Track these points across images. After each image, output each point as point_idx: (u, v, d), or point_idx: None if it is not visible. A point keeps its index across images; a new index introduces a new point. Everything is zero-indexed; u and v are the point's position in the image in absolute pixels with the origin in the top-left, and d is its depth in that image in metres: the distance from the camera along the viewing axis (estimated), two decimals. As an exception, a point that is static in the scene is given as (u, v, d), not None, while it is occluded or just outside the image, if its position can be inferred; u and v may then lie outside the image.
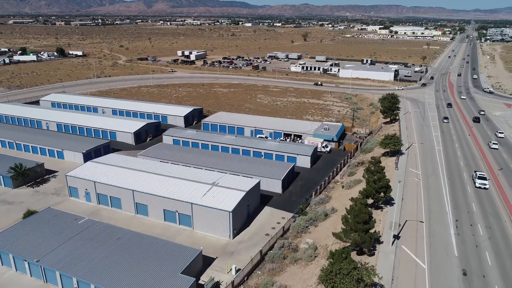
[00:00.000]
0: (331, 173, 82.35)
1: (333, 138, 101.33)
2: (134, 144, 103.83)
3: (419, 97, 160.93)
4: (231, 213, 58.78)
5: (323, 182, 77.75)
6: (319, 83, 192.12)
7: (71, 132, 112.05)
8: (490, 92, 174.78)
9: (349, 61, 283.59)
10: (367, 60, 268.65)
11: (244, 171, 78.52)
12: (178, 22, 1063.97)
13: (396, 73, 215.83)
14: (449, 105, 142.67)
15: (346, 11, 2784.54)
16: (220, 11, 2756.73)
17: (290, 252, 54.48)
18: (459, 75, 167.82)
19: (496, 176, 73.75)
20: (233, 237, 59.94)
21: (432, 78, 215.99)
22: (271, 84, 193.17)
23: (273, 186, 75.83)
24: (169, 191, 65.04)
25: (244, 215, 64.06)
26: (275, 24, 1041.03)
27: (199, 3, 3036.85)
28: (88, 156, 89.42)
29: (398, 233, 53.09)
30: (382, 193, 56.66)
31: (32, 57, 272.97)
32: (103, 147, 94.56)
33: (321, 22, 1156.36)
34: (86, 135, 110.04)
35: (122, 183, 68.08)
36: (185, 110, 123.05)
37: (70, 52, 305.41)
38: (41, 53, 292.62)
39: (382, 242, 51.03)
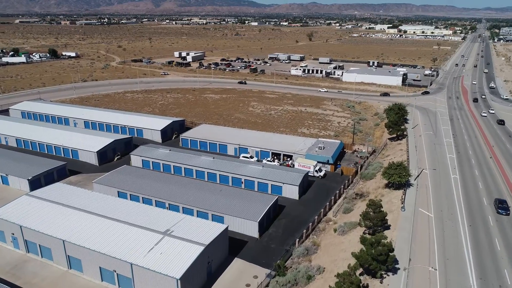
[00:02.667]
0: (322, 209, 67.29)
1: (328, 160, 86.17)
2: (97, 165, 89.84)
3: (430, 106, 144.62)
4: (179, 281, 44.26)
5: (311, 223, 62.75)
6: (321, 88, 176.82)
7: (31, 149, 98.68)
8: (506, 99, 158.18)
9: (355, 63, 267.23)
10: (373, 62, 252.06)
11: (213, 208, 63.96)
12: (184, 21, 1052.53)
13: (405, 77, 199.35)
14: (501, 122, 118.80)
15: (355, 10, 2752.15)
16: (227, 10, 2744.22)
17: None
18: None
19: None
20: (184, 311, 45.48)
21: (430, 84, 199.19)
22: (268, 89, 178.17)
23: (248, 228, 61.11)
24: (109, 242, 50.71)
25: (202, 276, 49.48)
26: (281, 23, 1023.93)
27: (206, 2, 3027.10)
28: (36, 183, 75.60)
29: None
30: (381, 263, 41.36)
31: (22, 58, 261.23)
32: (56, 170, 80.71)
33: (328, 21, 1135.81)
34: (47, 152, 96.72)
35: (52, 229, 53.94)
36: (163, 122, 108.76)
37: (63, 53, 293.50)
38: (33, 54, 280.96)
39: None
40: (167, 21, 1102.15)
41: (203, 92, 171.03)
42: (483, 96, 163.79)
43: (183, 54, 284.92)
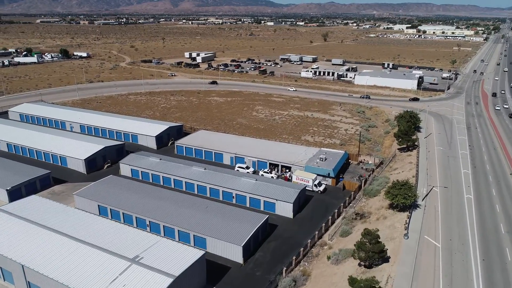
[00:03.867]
0: (317, 231, 60.73)
1: (329, 174, 79.38)
2: (85, 173, 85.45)
3: (446, 112, 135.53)
4: (138, 322, 38.69)
5: (303, 248, 56.35)
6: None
7: (21, 154, 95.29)
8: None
9: (369, 65, 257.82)
10: (388, 64, 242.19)
11: (196, 228, 58.32)
12: (200, 21, 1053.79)
13: (420, 80, 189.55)
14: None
15: (373, 9, 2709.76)
16: (244, 10, 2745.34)
17: None
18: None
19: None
20: None
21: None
22: (276, 92, 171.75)
23: (232, 253, 55.16)
24: (71, 269, 45.64)
25: (170, 312, 43.79)
26: (297, 23, 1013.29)
27: (224, 2, 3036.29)
28: (16, 193, 71.57)
29: None
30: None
31: (33, 58, 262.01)
32: (39, 180, 76.67)
33: (345, 21, 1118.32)
34: (36, 158, 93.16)
35: (15, 252, 49.26)
36: (159, 128, 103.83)
37: (75, 53, 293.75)
38: (45, 54, 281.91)
39: None
40: (184, 21, 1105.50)
41: (208, 94, 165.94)
42: (503, 92, 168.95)
43: (194, 54, 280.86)
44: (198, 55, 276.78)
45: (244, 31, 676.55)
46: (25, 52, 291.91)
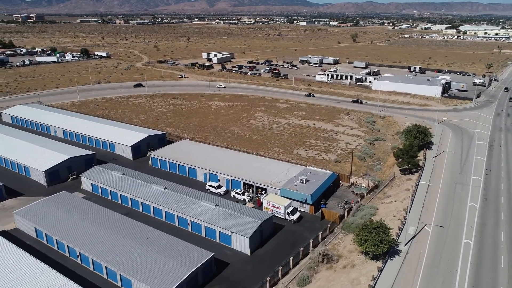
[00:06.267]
0: (269, 277, 50.07)
1: (306, 200, 68.13)
2: (46, 185, 79.18)
3: (469, 125, 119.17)
4: None
5: (244, 300, 46.12)
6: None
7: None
8: None
9: (394, 68, 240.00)
10: (414, 68, 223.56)
11: (124, 266, 49.87)
12: (232, 21, 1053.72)
13: (447, 86, 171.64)
14: None
15: (414, 9, 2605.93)
16: (280, 9, 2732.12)
17: None
18: None
19: None
20: None
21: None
22: (283, 97, 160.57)
23: (156, 302, 45.81)
24: None
25: None
26: (331, 23, 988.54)
27: (260, 1, 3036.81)
28: (-42, 208, 66.00)
29: None
30: None
31: (53, 58, 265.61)
32: (-11, 193, 70.91)
33: (382, 21, 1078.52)
34: (5, 166, 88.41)
35: None
36: (137, 137, 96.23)
37: (95, 53, 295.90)
38: (67, 53, 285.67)
39: None
40: (217, 20, 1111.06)
41: (211, 98, 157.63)
42: None
43: (211, 55, 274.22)
44: (215, 55, 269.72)
45: (273, 31, 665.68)
46: (49, 52, 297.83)
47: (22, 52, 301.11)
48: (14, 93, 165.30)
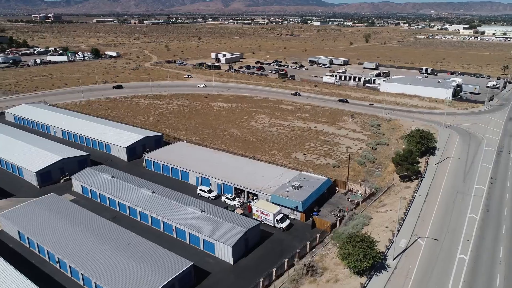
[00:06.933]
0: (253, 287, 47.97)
1: (297, 207, 65.60)
2: (38, 186, 78.67)
3: (478, 130, 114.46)
4: None
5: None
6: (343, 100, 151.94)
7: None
8: None
9: (406, 70, 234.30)
10: (426, 69, 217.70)
11: (100, 274, 48.45)
12: (245, 21, 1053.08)
13: (458, 88, 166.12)
14: None
15: (431, 9, 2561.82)
16: (294, 9, 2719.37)
17: None
18: None
19: None
20: None
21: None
22: (287, 98, 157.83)
23: (128, 313, 44.13)
24: None
25: None
26: (345, 23, 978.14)
27: (274, 1, 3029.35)
28: None
29: None
30: None
31: (64, 57, 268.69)
32: (-23, 194, 70.61)
33: (397, 21, 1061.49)
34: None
35: None
36: (133, 138, 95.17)
37: (106, 52, 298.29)
38: (78, 53, 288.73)
39: None
40: (230, 20, 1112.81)
41: (214, 99, 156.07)
42: None
43: (219, 55, 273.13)
44: (223, 56, 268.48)
45: (286, 31, 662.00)
46: (61, 51, 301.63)
47: (35, 52, 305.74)
48: (22, 92, 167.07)
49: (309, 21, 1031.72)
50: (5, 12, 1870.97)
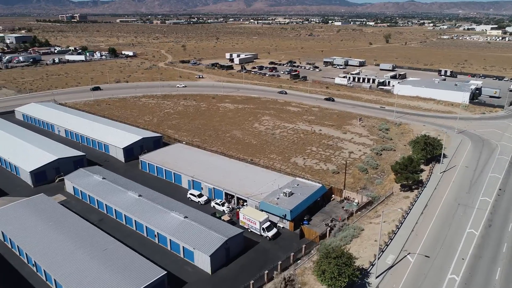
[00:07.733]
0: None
1: (285, 215, 62.87)
2: (32, 186, 78.95)
3: (493, 136, 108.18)
4: None
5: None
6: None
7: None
8: None
9: (424, 72, 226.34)
10: (445, 71, 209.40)
11: (72, 281, 47.02)
12: (266, 21, 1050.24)
13: (477, 92, 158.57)
14: None
15: (459, 8, 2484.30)
16: (317, 9, 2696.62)
17: None
18: None
19: None
20: None
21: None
22: (296, 100, 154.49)
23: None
24: None
25: None
26: (367, 23, 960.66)
27: (297, 1, 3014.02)
28: None
29: None
30: None
31: (81, 57, 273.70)
32: (-30, 193, 71.27)
33: (422, 21, 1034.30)
34: None
35: None
36: (131, 139, 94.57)
37: (122, 52, 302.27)
38: (95, 52, 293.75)
39: None
40: (251, 20, 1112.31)
41: (221, 100, 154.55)
42: None
43: (233, 55, 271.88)
44: (238, 56, 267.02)
45: (306, 31, 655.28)
46: (79, 50, 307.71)
47: (56, 51, 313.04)
48: (35, 90, 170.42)
49: (330, 21, 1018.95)
50: (35, 12, 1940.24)
